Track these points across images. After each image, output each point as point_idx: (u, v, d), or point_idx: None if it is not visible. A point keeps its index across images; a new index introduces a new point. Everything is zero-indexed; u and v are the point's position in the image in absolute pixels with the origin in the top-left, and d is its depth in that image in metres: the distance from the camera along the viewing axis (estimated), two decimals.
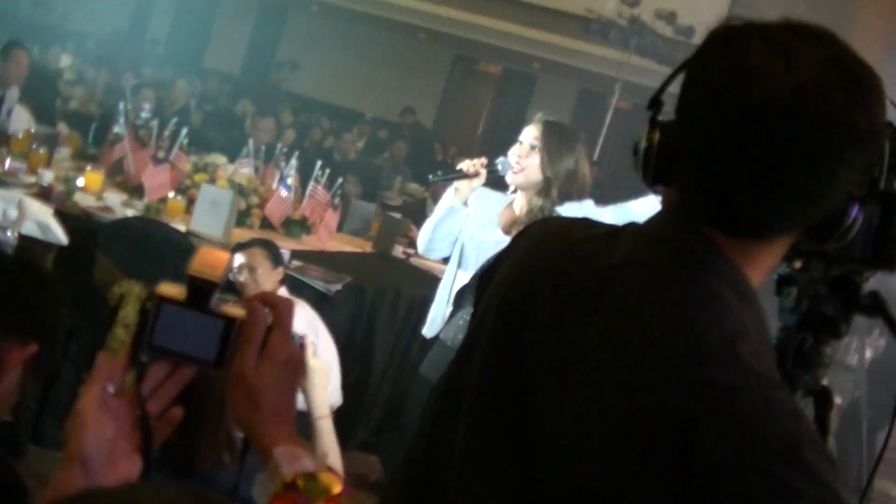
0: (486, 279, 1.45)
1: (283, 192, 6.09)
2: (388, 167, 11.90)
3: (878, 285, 1.45)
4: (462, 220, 3.99)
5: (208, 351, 1.13)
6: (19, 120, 6.49)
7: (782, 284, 1.50)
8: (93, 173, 5.54)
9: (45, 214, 4.43)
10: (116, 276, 4.51)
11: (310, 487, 1.07)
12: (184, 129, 5.98)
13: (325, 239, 6.40)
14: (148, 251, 4.68)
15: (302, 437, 1.14)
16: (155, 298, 1.13)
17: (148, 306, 1.13)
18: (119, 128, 6.07)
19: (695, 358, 1.14)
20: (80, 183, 5.44)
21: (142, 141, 5.97)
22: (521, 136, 3.86)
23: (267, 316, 1.15)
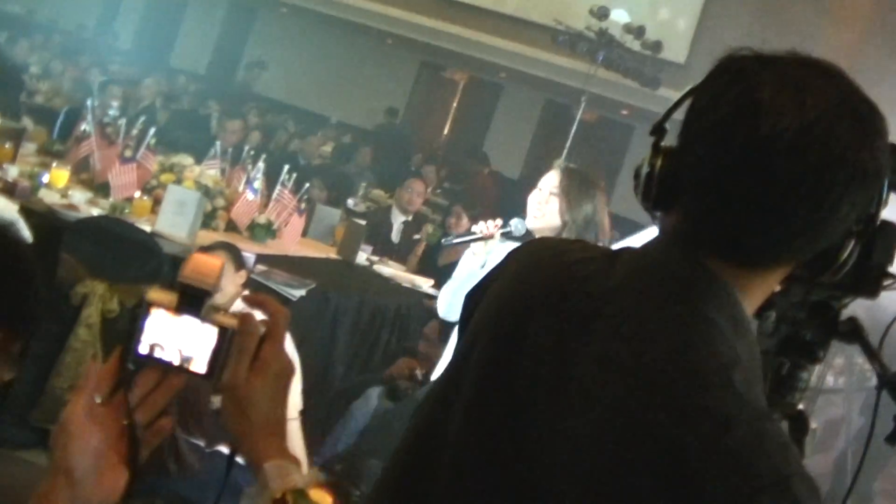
0: (477, 298, 1.45)
1: (249, 195, 6.06)
2: (353, 172, 11.86)
3: (865, 310, 1.47)
4: (471, 279, 3.96)
5: (199, 361, 1.11)
6: None
7: (762, 308, 1.51)
8: (58, 170, 5.48)
9: (9, 211, 4.38)
10: (81, 275, 4.46)
11: None
12: (151, 129, 5.93)
13: (291, 243, 6.38)
14: (113, 250, 4.63)
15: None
16: (144, 304, 1.10)
17: (137, 312, 1.10)
18: (87, 125, 6.01)
19: (689, 385, 1.15)
20: (46, 179, 5.38)
21: (109, 139, 5.92)
22: (541, 182, 3.85)
23: (259, 326, 1.14)
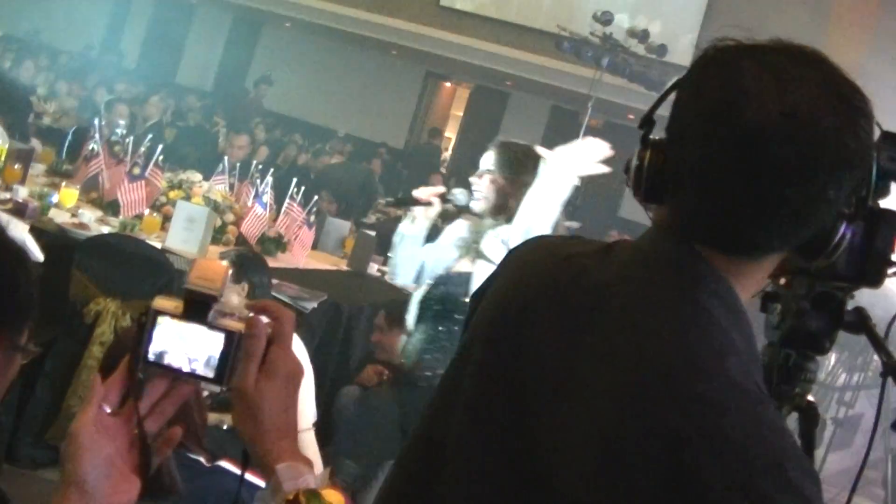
0: (480, 298, 1.46)
1: (258, 210, 6.08)
2: (364, 184, 11.87)
3: (869, 302, 1.47)
4: (426, 249, 3.96)
5: (207, 366, 1.11)
6: None
7: (768, 301, 1.52)
8: (67, 190, 5.51)
9: (20, 231, 4.40)
10: (92, 293, 4.49)
11: None
12: (159, 146, 5.96)
13: (301, 256, 6.39)
14: (124, 267, 4.64)
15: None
16: (151, 312, 1.10)
17: (144, 320, 1.10)
18: (94, 143, 6.04)
19: (685, 374, 1.15)
20: (55, 199, 5.41)
21: (117, 157, 5.94)
22: (480, 161, 3.81)
23: (266, 329, 1.15)
